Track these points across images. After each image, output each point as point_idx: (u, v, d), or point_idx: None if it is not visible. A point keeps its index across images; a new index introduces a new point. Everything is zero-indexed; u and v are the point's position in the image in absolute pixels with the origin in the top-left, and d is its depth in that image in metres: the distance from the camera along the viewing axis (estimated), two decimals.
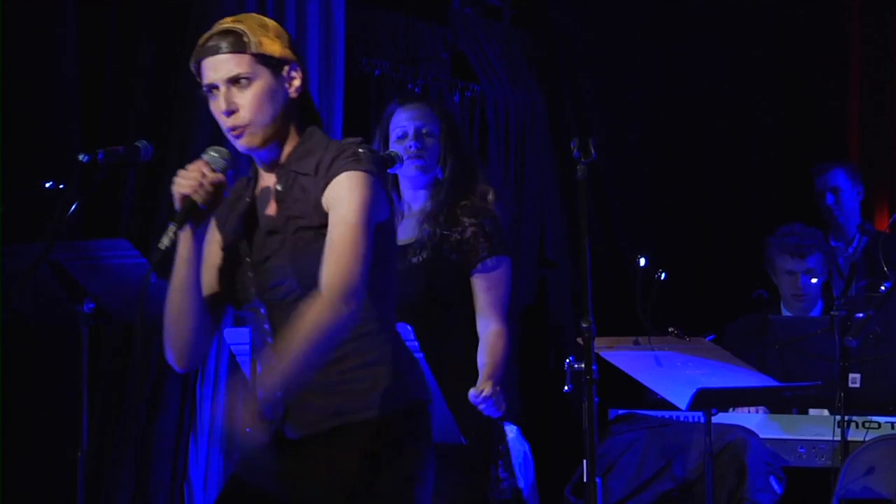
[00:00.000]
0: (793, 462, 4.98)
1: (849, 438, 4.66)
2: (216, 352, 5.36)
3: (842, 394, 4.60)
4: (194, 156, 5.13)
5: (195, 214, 2.71)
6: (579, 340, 3.59)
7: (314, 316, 2.59)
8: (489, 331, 3.81)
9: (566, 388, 3.61)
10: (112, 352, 5.13)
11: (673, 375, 4.49)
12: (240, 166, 3.19)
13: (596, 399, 3.54)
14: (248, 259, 2.76)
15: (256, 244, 2.76)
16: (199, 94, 2.87)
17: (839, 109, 7.42)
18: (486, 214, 3.90)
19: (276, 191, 2.77)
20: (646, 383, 4.54)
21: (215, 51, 2.74)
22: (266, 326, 2.76)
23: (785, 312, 5.62)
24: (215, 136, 5.22)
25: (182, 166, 2.82)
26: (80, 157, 3.67)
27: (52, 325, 4.60)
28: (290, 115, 2.79)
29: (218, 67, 2.74)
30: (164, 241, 2.66)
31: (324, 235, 2.66)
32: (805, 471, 4.98)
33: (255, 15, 2.85)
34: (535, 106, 7.17)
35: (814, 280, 5.53)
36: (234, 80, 2.73)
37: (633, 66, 7.41)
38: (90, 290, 4.08)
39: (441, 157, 3.97)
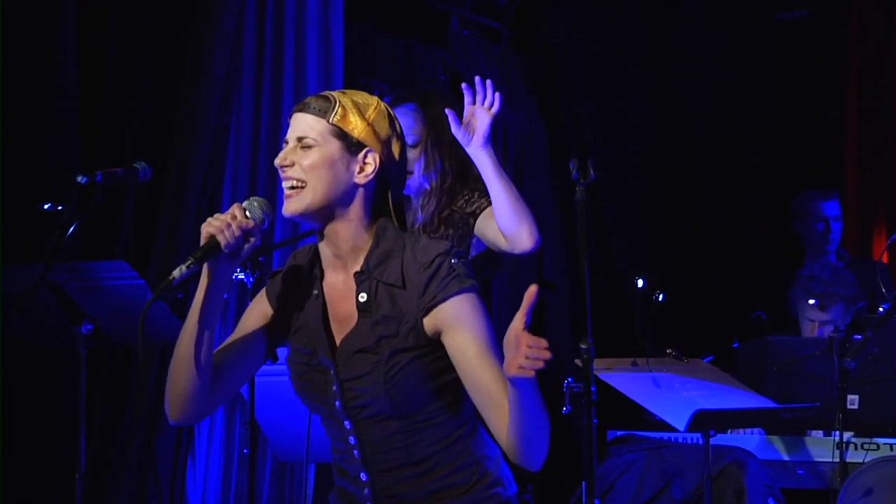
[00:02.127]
0: (792, 484, 4.97)
1: (848, 460, 4.65)
2: None
3: (840, 415, 4.59)
4: (192, 177, 5.21)
5: (216, 255, 2.59)
6: (578, 362, 3.59)
7: None
8: None
9: (565, 409, 3.60)
10: (111, 373, 5.13)
11: (671, 397, 4.49)
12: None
13: (595, 420, 3.54)
14: (332, 373, 2.65)
15: (342, 359, 2.64)
16: (199, 114, 2.84)
17: (837, 132, 7.44)
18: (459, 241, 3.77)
19: (360, 301, 2.63)
20: (644, 405, 4.53)
21: (302, 108, 2.67)
22: (352, 440, 2.67)
23: None
24: (214, 157, 5.27)
25: (181, 188, 2.81)
26: (79, 178, 3.68)
27: (50, 347, 4.60)
28: (354, 199, 2.65)
29: (295, 124, 2.66)
30: (175, 273, 2.54)
31: (418, 358, 2.59)
32: (804, 492, 4.97)
33: (373, 97, 2.73)
34: (533, 128, 7.18)
35: (831, 328, 5.42)
36: (301, 141, 2.64)
37: (631, 88, 7.44)
38: (89, 311, 4.08)
39: (426, 164, 3.84)
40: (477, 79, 3.73)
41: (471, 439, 2.69)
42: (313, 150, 2.63)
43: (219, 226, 2.58)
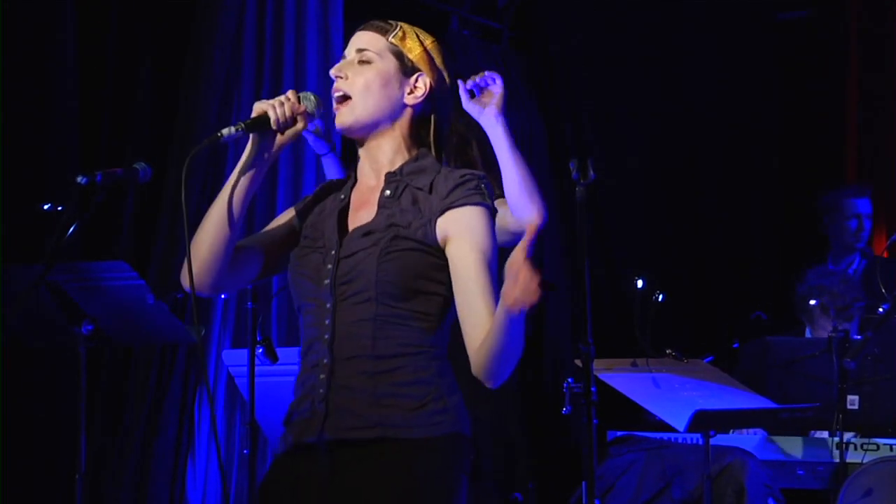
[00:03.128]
0: (791, 484, 4.97)
1: (847, 460, 4.66)
2: (214, 374, 5.37)
3: (840, 416, 4.59)
4: (192, 177, 5.20)
5: (264, 130, 2.74)
6: (578, 362, 3.60)
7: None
8: None
9: (565, 409, 3.61)
10: (110, 373, 5.12)
11: (671, 397, 4.49)
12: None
13: (595, 420, 3.54)
14: (333, 252, 2.73)
15: (348, 241, 2.73)
16: (198, 114, 2.87)
17: (837, 132, 7.44)
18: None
19: (384, 196, 2.75)
20: (644, 405, 4.54)
21: (366, 26, 2.85)
22: (327, 321, 2.71)
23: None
24: (213, 156, 5.27)
25: (181, 188, 2.83)
26: (79, 179, 3.67)
27: (50, 347, 4.60)
28: (400, 119, 2.79)
29: (356, 40, 2.83)
30: (224, 132, 2.72)
31: (418, 251, 2.68)
32: (804, 493, 4.97)
33: (432, 36, 2.89)
34: (533, 128, 7.18)
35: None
36: (360, 53, 2.80)
37: (631, 88, 7.43)
38: (88, 311, 4.07)
39: None
40: (470, 81, 3.72)
41: (437, 363, 2.71)
42: (370, 66, 2.78)
43: (272, 103, 2.75)
